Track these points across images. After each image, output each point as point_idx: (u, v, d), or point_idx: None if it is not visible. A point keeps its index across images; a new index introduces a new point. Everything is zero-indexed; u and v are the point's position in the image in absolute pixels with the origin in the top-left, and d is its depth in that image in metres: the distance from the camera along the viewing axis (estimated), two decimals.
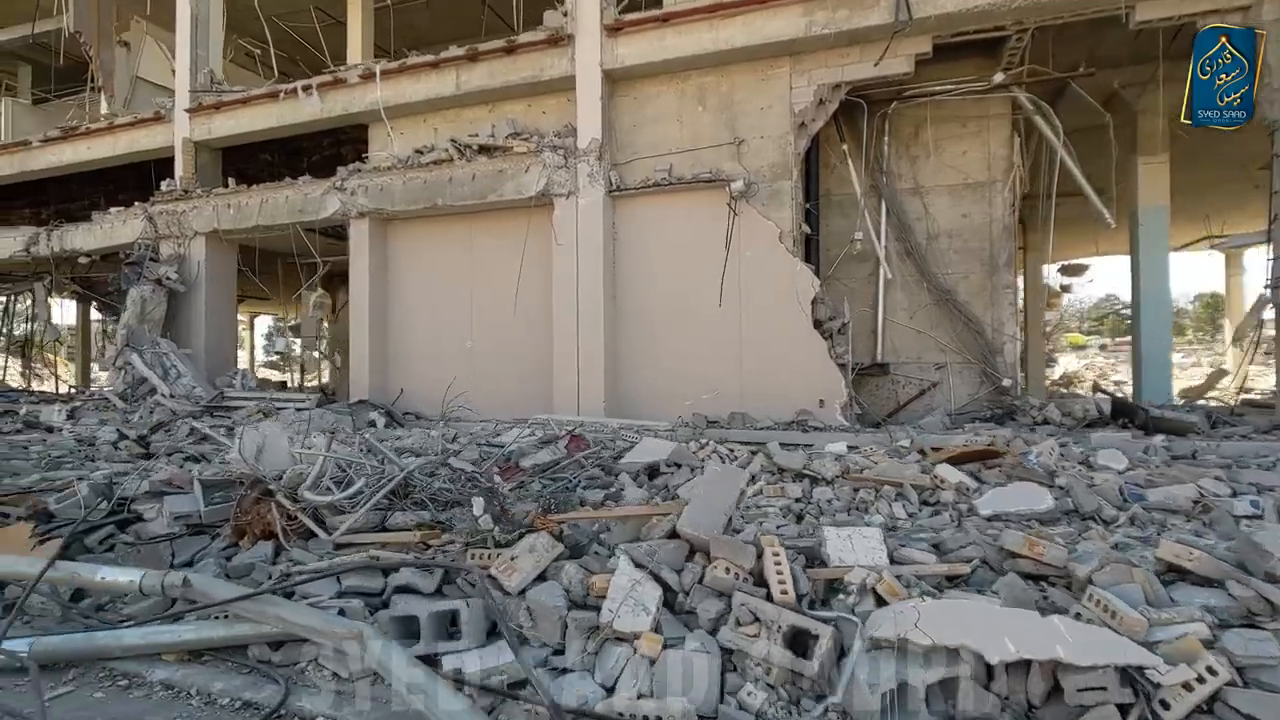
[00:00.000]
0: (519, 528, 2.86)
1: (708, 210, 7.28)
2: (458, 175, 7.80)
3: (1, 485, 4.29)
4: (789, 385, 6.94)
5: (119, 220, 9.91)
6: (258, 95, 9.05)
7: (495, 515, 2.78)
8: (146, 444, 5.55)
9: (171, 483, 3.75)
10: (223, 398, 7.67)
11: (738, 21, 6.89)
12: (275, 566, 2.94)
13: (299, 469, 3.15)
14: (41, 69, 15.39)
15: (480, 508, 2.77)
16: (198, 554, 3.13)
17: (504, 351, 8.07)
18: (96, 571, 2.71)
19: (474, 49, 7.86)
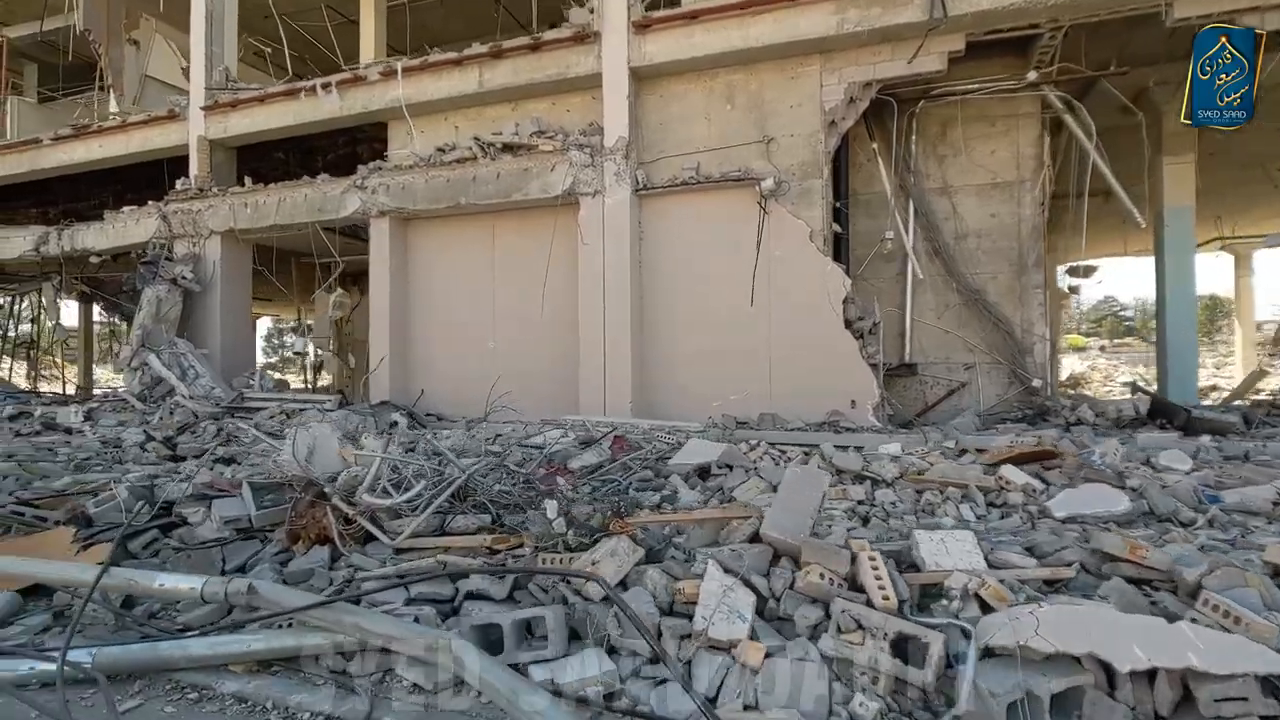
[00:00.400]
0: (592, 531, 2.76)
1: (736, 209, 7.20)
2: (482, 174, 7.71)
3: (33, 489, 4.17)
4: (819, 386, 6.86)
5: (132, 219, 9.78)
6: (275, 93, 8.95)
7: (568, 519, 2.68)
8: (173, 446, 5.44)
9: (214, 486, 3.64)
10: (242, 399, 7.55)
11: (768, 19, 6.81)
12: (335, 572, 2.84)
13: (354, 471, 3.05)
14: (47, 67, 15.27)
15: (554, 510, 2.67)
16: (250, 559, 3.02)
17: (527, 352, 7.97)
18: (154, 578, 2.60)
19: (498, 46, 7.78)
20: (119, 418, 7.28)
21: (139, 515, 3.38)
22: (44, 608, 2.85)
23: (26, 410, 7.71)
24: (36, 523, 3.43)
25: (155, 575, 2.54)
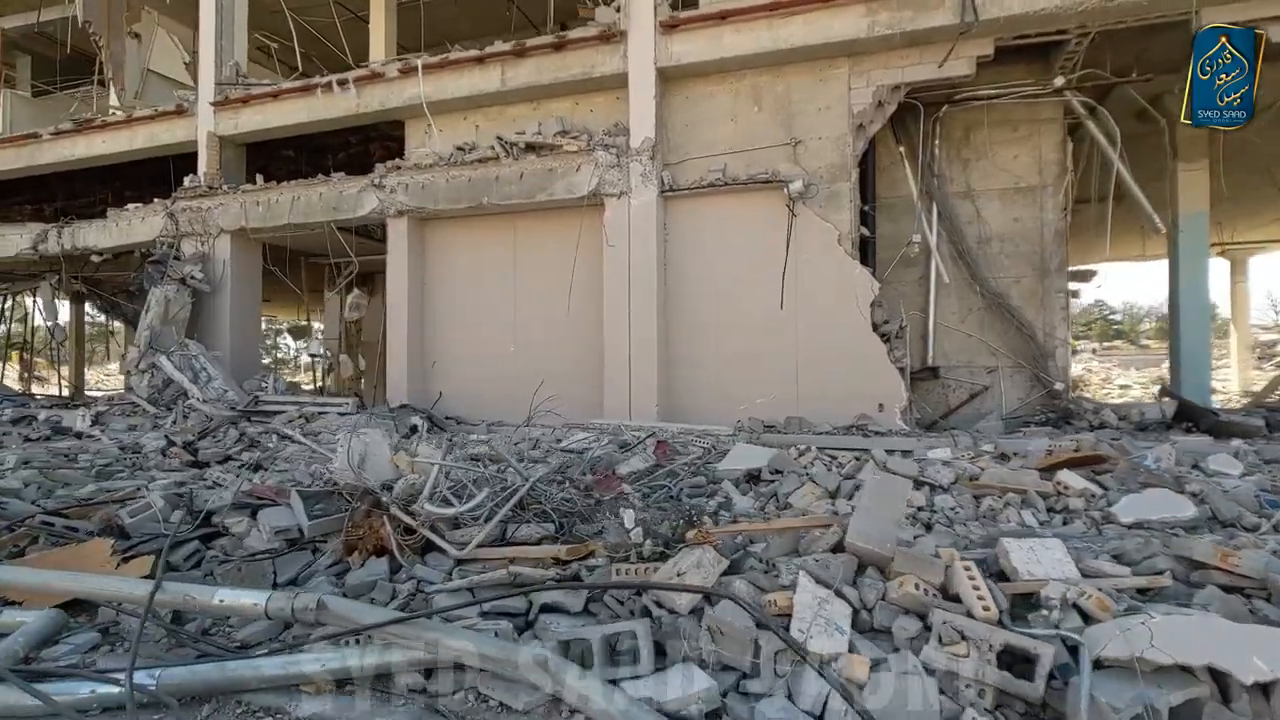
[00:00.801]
0: (666, 541, 2.70)
1: (763, 211, 7.16)
2: (505, 174, 7.62)
3: (57, 497, 4.05)
4: (846, 389, 6.82)
5: (137, 217, 9.62)
6: (289, 89, 8.83)
7: (646, 528, 2.62)
8: (194, 451, 5.32)
9: (256, 494, 3.55)
10: (257, 402, 7.42)
11: (798, 20, 6.78)
12: (397, 584, 2.75)
13: (412, 480, 2.97)
14: (42, 60, 14.99)
15: (631, 520, 2.61)
16: (302, 572, 2.93)
17: (550, 354, 7.89)
18: (213, 593, 2.51)
19: (521, 44, 7.70)
20: (130, 421, 7.13)
21: (179, 525, 3.28)
22: (87, 624, 2.74)
23: (29, 414, 7.53)
24: (68, 533, 3.32)
25: (214, 590, 2.45)
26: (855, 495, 3.63)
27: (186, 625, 2.72)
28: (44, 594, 2.73)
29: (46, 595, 2.75)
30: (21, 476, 4.12)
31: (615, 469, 3.99)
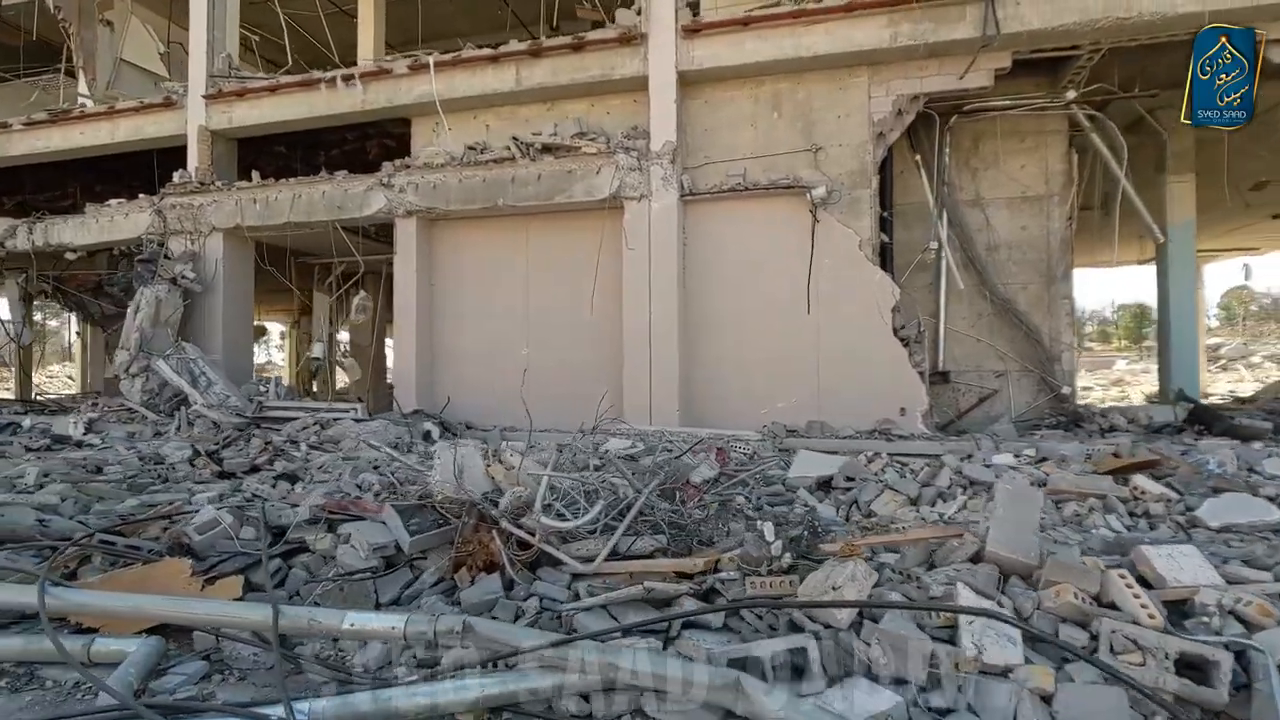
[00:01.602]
0: (799, 553, 2.66)
1: (783, 216, 7.20)
2: (521, 175, 7.48)
3: (97, 513, 3.78)
4: (867, 393, 6.91)
5: (120, 213, 9.12)
6: (288, 83, 8.49)
7: (786, 541, 2.58)
8: (219, 461, 5.04)
9: (332, 508, 3.38)
10: (262, 408, 7.10)
11: (820, 29, 6.84)
12: (523, 603, 2.64)
13: (519, 491, 2.86)
14: (1, 47, 14.14)
15: (771, 532, 2.56)
16: (404, 590, 2.79)
17: (564, 359, 7.77)
18: (341, 617, 2.34)
19: (538, 44, 7.58)
20: (128, 429, 6.74)
21: (264, 543, 3.09)
22: (183, 651, 2.55)
23: (11, 420, 7.05)
24: (130, 553, 3.10)
25: (342, 614, 2.29)
26: (938, 502, 3.67)
27: (296, 651, 2.57)
28: (132, 620, 2.53)
29: (133, 621, 2.55)
30: (55, 491, 3.82)
31: (690, 478, 3.93)
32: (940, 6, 6.53)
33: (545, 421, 7.78)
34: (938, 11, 6.55)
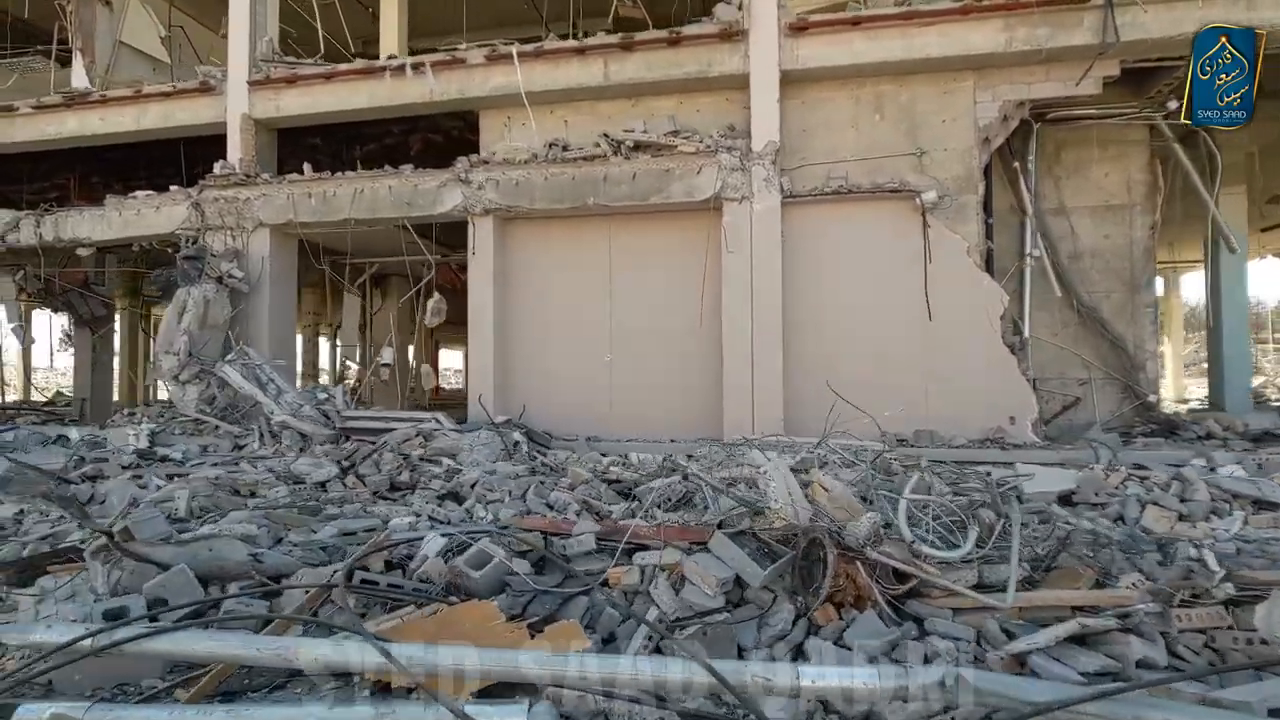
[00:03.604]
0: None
1: (886, 221, 7.07)
2: (614, 173, 7.13)
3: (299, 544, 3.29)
4: (976, 402, 6.81)
5: (149, 206, 8.36)
6: (346, 71, 7.94)
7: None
8: (361, 478, 4.54)
9: (617, 534, 3.01)
10: (342, 418, 6.53)
11: (933, 31, 6.74)
12: (913, 641, 2.32)
13: (873, 517, 2.56)
14: None
15: (1214, 561, 2.33)
16: (762, 632, 2.44)
17: (653, 366, 7.44)
18: (795, 672, 1.95)
19: (629, 37, 7.25)
20: (199, 441, 6.09)
21: (537, 576, 2.71)
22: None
23: (61, 434, 6.32)
24: (394, 593, 2.68)
25: (795, 669, 1.95)
26: (1211, 518, 3.52)
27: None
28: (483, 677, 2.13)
29: (462, 679, 2.15)
30: (243, 518, 3.30)
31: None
32: (1058, 11, 6.50)
33: (631, 430, 7.47)
34: (1055, 16, 6.52)
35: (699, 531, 2.87)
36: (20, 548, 3.57)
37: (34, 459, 4.80)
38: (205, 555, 2.85)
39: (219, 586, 2.87)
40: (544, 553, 2.81)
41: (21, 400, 15.56)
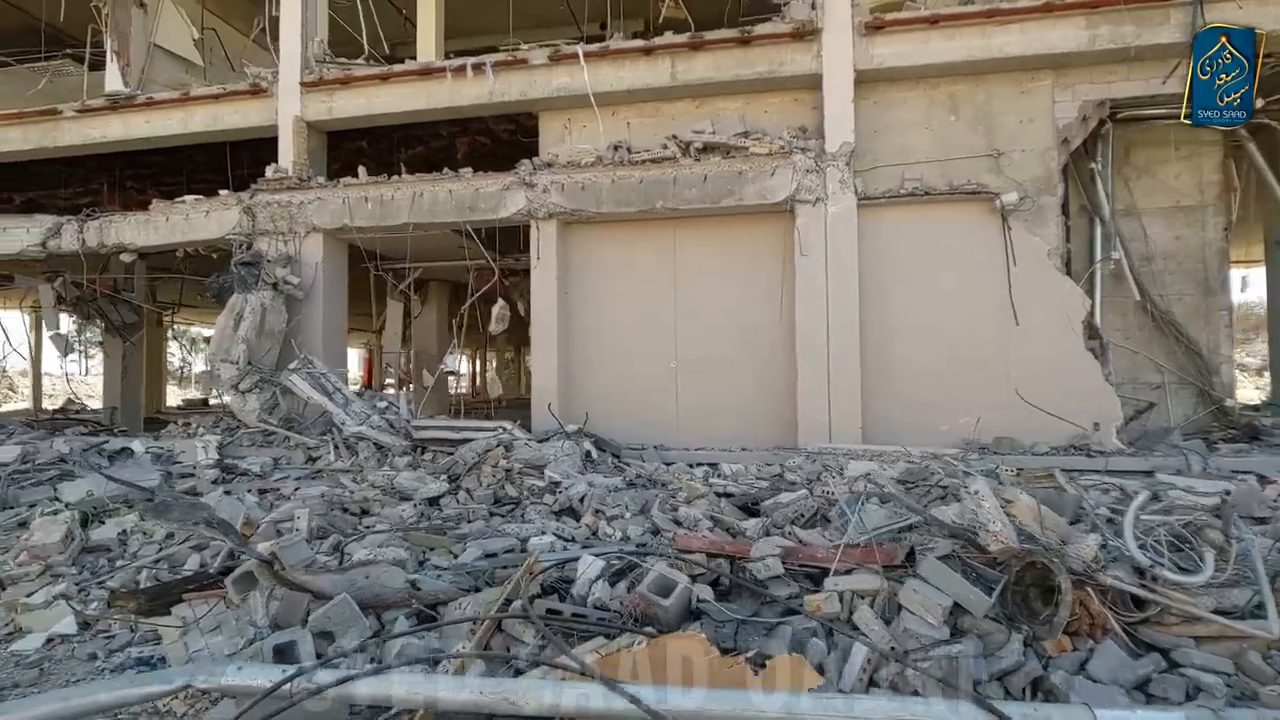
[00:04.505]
0: None
1: (963, 223, 6.91)
2: (684, 176, 6.98)
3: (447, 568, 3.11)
4: (1058, 408, 6.64)
5: (198, 210, 8.19)
6: (403, 71, 7.78)
7: None
8: (470, 492, 4.36)
9: (799, 556, 2.83)
10: (410, 428, 6.35)
11: (1015, 29, 6.59)
12: (1161, 675, 2.15)
13: (1097, 539, 2.39)
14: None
15: None
16: (994, 664, 2.26)
17: (720, 373, 7.27)
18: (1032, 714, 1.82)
19: (699, 37, 7.10)
20: (270, 453, 5.92)
21: (727, 604, 2.54)
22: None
23: (125, 446, 6.14)
24: (582, 625, 2.51)
25: (1092, 712, 1.78)
26: None
27: None
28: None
29: None
30: (381, 540, 3.12)
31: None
32: (1144, 8, 6.36)
33: (699, 439, 7.31)
34: (1141, 13, 6.38)
35: (888, 553, 2.70)
36: (135, 572, 3.40)
37: (128, 475, 4.63)
38: (363, 583, 2.68)
39: (375, 616, 2.70)
40: (730, 577, 2.62)
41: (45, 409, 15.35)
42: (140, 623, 2.99)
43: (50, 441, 7.17)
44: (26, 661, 2.83)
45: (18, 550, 3.70)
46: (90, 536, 3.76)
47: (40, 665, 2.80)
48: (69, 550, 3.54)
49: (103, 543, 3.74)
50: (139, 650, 2.80)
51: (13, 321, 14.61)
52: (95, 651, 2.85)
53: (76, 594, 3.25)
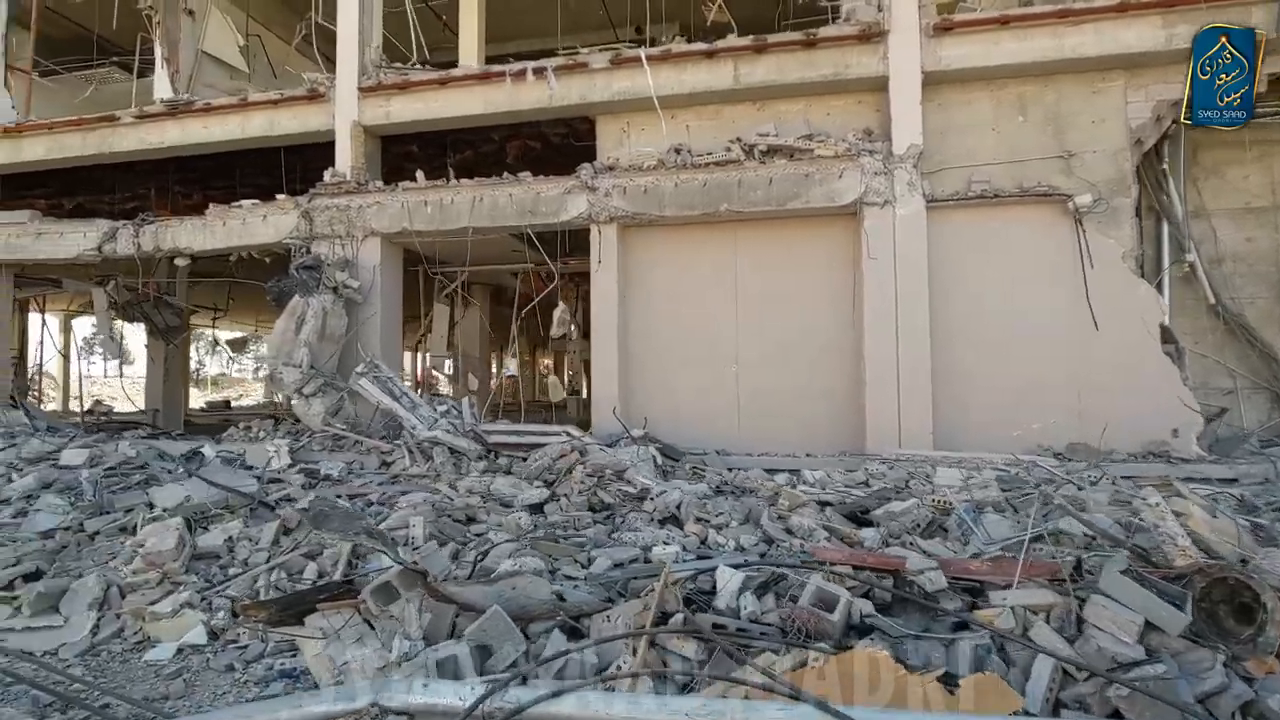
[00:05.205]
0: None
1: (1033, 225, 6.81)
2: (749, 178, 6.92)
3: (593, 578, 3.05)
4: (1134, 414, 6.52)
5: (255, 215, 8.23)
6: (461, 76, 7.78)
7: None
8: (566, 497, 4.30)
9: (951, 569, 2.75)
10: (477, 433, 6.32)
11: (1089, 29, 6.49)
12: None
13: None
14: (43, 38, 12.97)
15: None
16: (1198, 688, 2.16)
17: (783, 377, 7.19)
18: None
19: (762, 40, 7.04)
20: (343, 457, 5.90)
21: (893, 618, 2.46)
22: None
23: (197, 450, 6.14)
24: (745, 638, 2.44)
25: None
26: None
27: None
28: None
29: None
30: (511, 550, 3.08)
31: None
32: (1223, 7, 6.24)
33: (761, 444, 7.23)
34: (1220, 12, 6.27)
35: (1052, 567, 2.61)
36: (252, 581, 3.37)
37: (225, 480, 4.62)
38: (509, 594, 2.63)
39: (521, 628, 2.64)
40: (893, 591, 2.55)
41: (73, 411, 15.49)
42: (271, 633, 2.95)
43: (115, 444, 7.20)
44: (165, 673, 2.80)
45: (128, 555, 3.68)
46: (198, 543, 3.74)
47: (180, 676, 2.77)
48: (182, 557, 3.51)
49: (211, 549, 3.72)
50: (279, 662, 2.76)
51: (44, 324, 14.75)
52: (232, 663, 2.82)
53: (199, 602, 3.21)
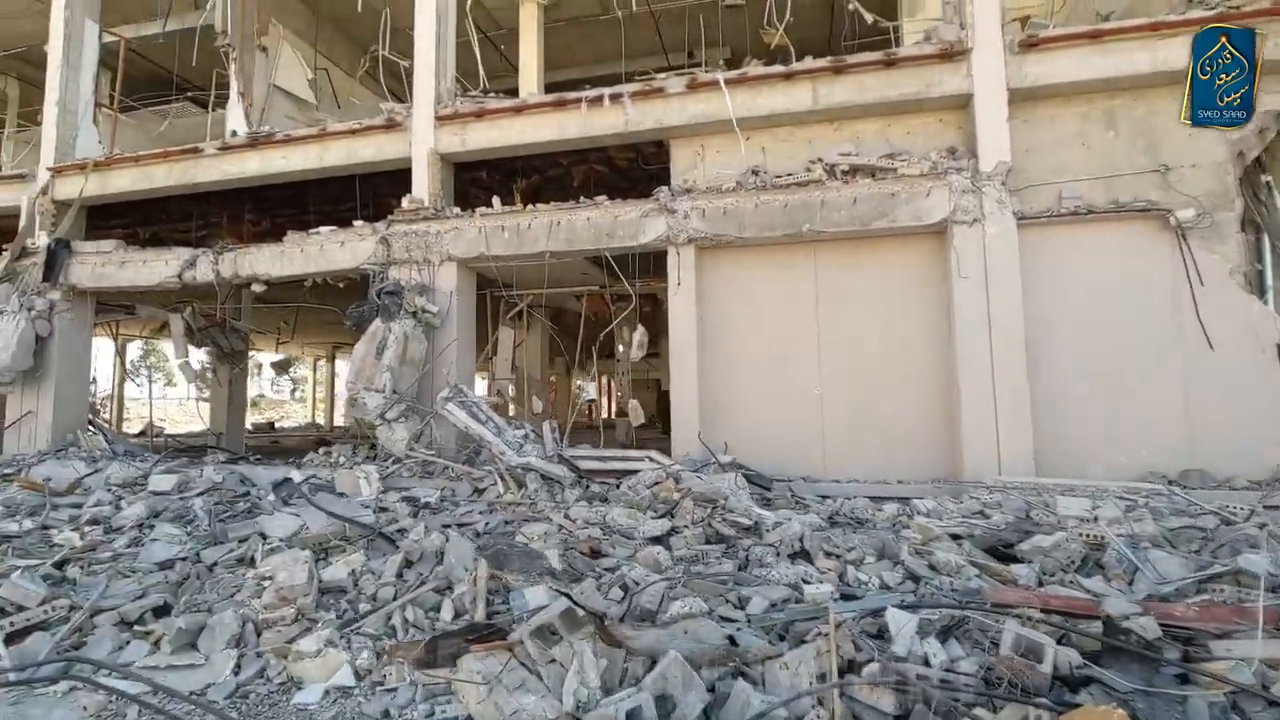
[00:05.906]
0: None
1: (1129, 242, 6.59)
2: (831, 199, 6.83)
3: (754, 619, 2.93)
4: (1253, 438, 6.20)
5: (333, 241, 8.38)
6: (537, 104, 7.86)
7: None
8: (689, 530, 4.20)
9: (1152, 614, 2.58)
10: (563, 459, 6.27)
11: (1178, 42, 6.31)
12: None
13: None
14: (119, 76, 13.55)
15: None
16: None
17: (868, 401, 7.03)
18: None
19: (841, 60, 6.99)
20: (431, 484, 5.89)
21: (1107, 670, 2.30)
22: None
23: (286, 477, 6.18)
24: (951, 689, 2.30)
25: None
26: None
27: None
28: None
29: None
30: (662, 590, 2.98)
31: None
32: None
33: (847, 470, 7.06)
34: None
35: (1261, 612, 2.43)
36: (386, 618, 3.31)
37: (341, 510, 4.62)
38: (682, 638, 2.53)
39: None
40: (1104, 639, 2.39)
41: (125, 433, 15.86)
42: (420, 675, 2.88)
43: (200, 470, 7.32)
44: (322, 718, 2.74)
45: (253, 588, 3.67)
46: (322, 576, 3.71)
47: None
48: (312, 592, 3.48)
49: (335, 583, 3.68)
50: (438, 708, 2.68)
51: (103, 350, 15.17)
52: (387, 709, 2.75)
53: (340, 640, 3.17)
